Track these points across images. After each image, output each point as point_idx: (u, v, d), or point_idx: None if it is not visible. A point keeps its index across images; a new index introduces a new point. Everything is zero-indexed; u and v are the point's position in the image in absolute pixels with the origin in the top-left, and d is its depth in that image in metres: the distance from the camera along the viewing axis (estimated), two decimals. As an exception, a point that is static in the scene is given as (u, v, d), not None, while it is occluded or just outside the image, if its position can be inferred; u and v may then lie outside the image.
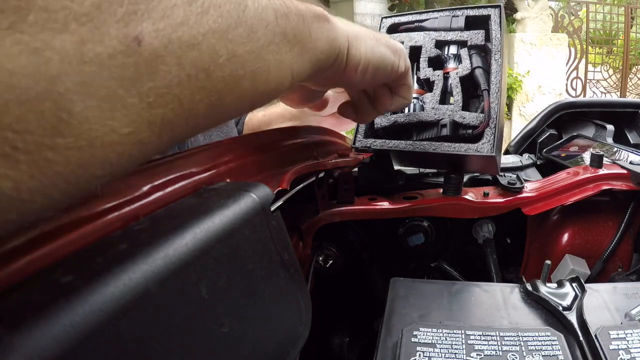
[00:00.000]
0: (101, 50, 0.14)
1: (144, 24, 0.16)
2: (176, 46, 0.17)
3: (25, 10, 0.13)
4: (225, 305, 0.22)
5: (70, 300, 0.15)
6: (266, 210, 0.26)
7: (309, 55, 0.27)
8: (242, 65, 0.21)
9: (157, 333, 0.18)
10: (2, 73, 0.12)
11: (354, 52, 0.31)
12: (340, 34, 0.30)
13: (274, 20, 0.23)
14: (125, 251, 0.18)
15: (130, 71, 0.16)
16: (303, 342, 0.28)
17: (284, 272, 0.27)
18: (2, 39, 0.12)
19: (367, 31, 0.33)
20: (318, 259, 0.54)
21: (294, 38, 0.25)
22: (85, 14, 0.14)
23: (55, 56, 0.13)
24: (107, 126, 0.15)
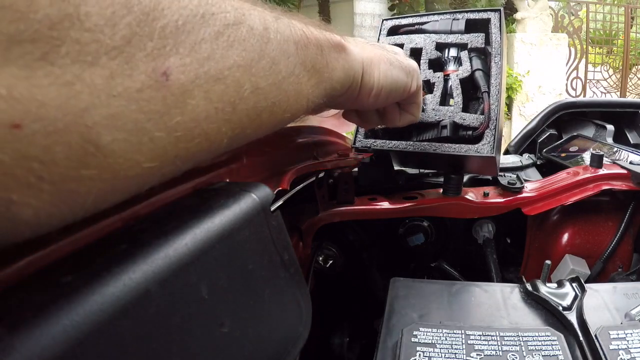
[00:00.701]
0: (130, 84, 0.14)
1: (172, 58, 0.16)
2: (203, 80, 0.17)
3: (58, 42, 0.12)
4: (225, 305, 0.22)
5: (70, 300, 0.15)
6: (266, 210, 0.26)
7: (324, 84, 0.27)
8: (265, 97, 0.21)
9: (157, 333, 0.18)
10: (32, 104, 0.12)
11: (368, 78, 0.32)
12: (355, 62, 0.30)
13: (294, 52, 0.23)
14: (125, 251, 0.18)
15: (159, 105, 0.15)
16: (303, 342, 0.28)
17: (284, 272, 0.27)
18: (34, 70, 0.12)
19: (381, 54, 0.33)
20: (318, 259, 0.54)
21: (312, 68, 0.25)
22: (115, 48, 0.14)
23: (85, 89, 0.13)
24: (132, 160, 0.15)
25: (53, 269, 0.17)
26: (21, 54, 0.12)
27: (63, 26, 0.13)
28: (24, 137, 0.12)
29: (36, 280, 0.17)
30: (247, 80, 0.20)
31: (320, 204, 0.48)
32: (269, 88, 0.21)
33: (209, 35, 0.17)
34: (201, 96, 0.17)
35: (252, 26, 0.20)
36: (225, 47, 0.18)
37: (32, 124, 0.12)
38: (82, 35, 0.13)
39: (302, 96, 0.25)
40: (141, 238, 0.20)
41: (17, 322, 0.14)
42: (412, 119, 0.40)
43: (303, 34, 0.25)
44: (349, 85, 0.31)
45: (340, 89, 0.30)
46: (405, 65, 0.35)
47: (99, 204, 0.15)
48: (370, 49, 0.33)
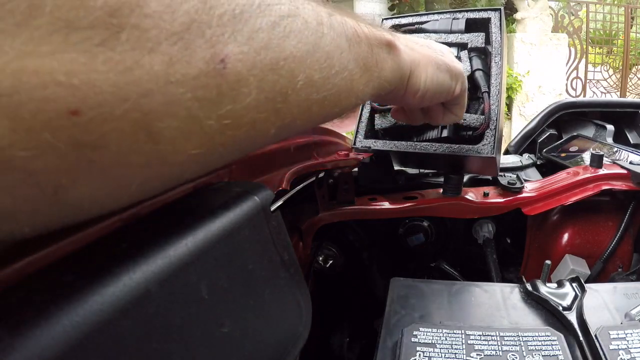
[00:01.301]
0: (188, 70, 0.14)
1: (230, 46, 0.16)
2: (258, 69, 0.17)
3: (117, 28, 0.13)
4: (225, 305, 0.22)
5: (70, 300, 0.15)
6: (266, 210, 0.26)
7: (373, 83, 0.27)
8: (317, 90, 0.21)
9: (157, 333, 0.18)
10: (91, 90, 0.12)
11: (415, 80, 0.32)
12: (404, 63, 0.30)
13: (347, 48, 0.24)
14: (125, 251, 0.18)
15: (213, 93, 0.15)
16: (303, 342, 0.28)
17: (284, 272, 0.27)
18: (94, 56, 0.12)
19: (429, 55, 0.33)
20: (318, 259, 0.54)
21: (363, 66, 0.25)
22: (175, 34, 0.14)
23: (144, 76, 0.13)
24: (180, 147, 0.15)
25: (53, 269, 0.17)
26: (81, 40, 0.12)
27: (123, 13, 0.13)
28: (80, 123, 0.12)
29: (36, 280, 0.17)
30: (302, 72, 0.20)
31: (320, 204, 0.48)
32: (322, 81, 0.21)
33: (266, 25, 0.18)
34: (254, 85, 0.17)
35: (306, 19, 0.20)
36: (281, 38, 0.18)
37: (90, 111, 0.12)
38: (142, 21, 0.13)
39: (352, 92, 0.25)
40: (141, 238, 0.20)
41: (17, 322, 0.14)
42: (455, 119, 0.40)
43: (355, 31, 0.25)
44: (396, 85, 0.31)
45: (388, 87, 0.30)
46: (452, 68, 0.35)
47: (143, 190, 0.16)
48: (419, 50, 0.33)
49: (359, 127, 0.52)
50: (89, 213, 0.14)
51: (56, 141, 0.12)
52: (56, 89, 0.11)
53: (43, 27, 0.11)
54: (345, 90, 0.24)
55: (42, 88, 0.11)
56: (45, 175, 0.12)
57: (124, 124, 0.13)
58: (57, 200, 0.13)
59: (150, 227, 0.21)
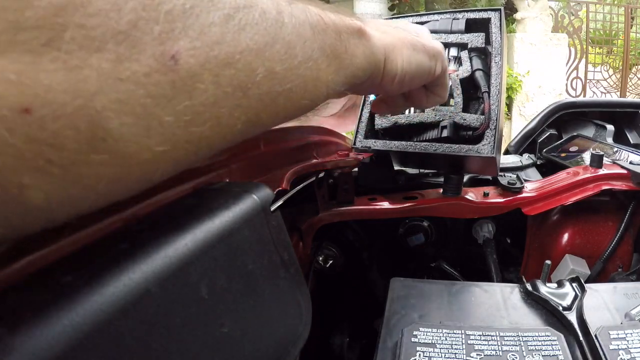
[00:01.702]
0: (137, 68, 0.14)
1: (181, 42, 0.16)
2: (213, 64, 0.17)
3: (62, 27, 0.13)
4: (225, 305, 0.22)
5: (70, 300, 0.15)
6: (266, 210, 0.26)
7: (345, 71, 0.26)
8: (280, 82, 0.21)
9: (157, 333, 0.18)
10: (40, 88, 0.12)
11: (391, 65, 0.31)
12: (376, 48, 0.29)
13: (311, 37, 0.23)
14: (125, 251, 0.18)
15: (167, 89, 0.15)
16: (303, 342, 0.28)
17: (284, 272, 0.27)
18: (41, 55, 0.12)
19: (404, 37, 0.32)
20: (318, 259, 0.54)
21: (331, 54, 0.25)
22: (122, 32, 0.14)
23: (92, 74, 0.13)
24: (142, 144, 0.15)
25: (53, 269, 0.17)
26: (28, 39, 0.12)
27: (67, 12, 0.13)
28: (33, 121, 0.12)
29: (36, 280, 0.17)
30: (260, 65, 0.19)
31: (320, 204, 0.48)
32: (285, 73, 0.21)
33: (219, 19, 0.17)
34: (210, 80, 0.17)
35: (264, 9, 0.20)
36: (236, 31, 0.18)
37: (41, 109, 0.12)
38: (86, 20, 0.13)
39: (320, 82, 0.24)
40: (141, 238, 0.20)
41: (17, 322, 0.14)
42: (438, 100, 0.39)
43: (320, 18, 0.24)
44: (371, 72, 0.30)
45: (362, 75, 0.29)
46: (429, 48, 0.34)
47: (113, 190, 0.16)
48: (393, 33, 0.32)
49: (359, 127, 0.52)
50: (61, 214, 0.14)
51: (11, 138, 0.12)
52: (7, 86, 0.12)
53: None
54: (312, 80, 0.23)
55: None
56: (6, 173, 0.12)
57: (77, 121, 0.13)
58: (24, 201, 0.13)
59: (150, 227, 0.21)
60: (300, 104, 0.24)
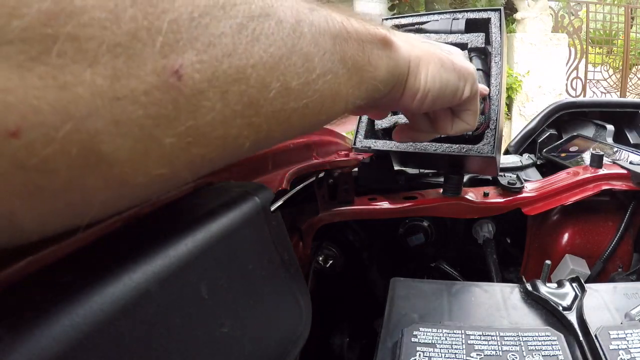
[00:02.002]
0: (136, 85, 0.13)
1: (186, 55, 0.14)
2: (221, 80, 0.15)
3: (52, 39, 0.11)
4: (225, 305, 0.22)
5: (70, 300, 0.15)
6: (266, 210, 0.26)
7: (366, 85, 0.24)
8: (295, 98, 0.19)
9: (157, 333, 0.18)
10: (27, 109, 0.11)
11: (414, 79, 0.28)
12: (401, 61, 0.27)
13: (332, 47, 0.21)
14: (125, 251, 0.18)
15: (168, 109, 0.14)
16: (303, 342, 0.28)
17: (284, 272, 0.27)
18: (29, 70, 0.11)
19: (432, 52, 0.30)
20: (318, 259, 0.54)
21: (352, 67, 0.23)
22: (119, 44, 0.13)
23: (86, 92, 0.12)
24: (139, 168, 0.14)
25: (53, 269, 0.17)
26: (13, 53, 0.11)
27: (58, 21, 0.11)
28: (22, 145, 0.11)
29: (36, 280, 0.17)
30: (275, 79, 0.17)
31: (320, 204, 0.48)
32: (301, 88, 0.19)
33: (230, 29, 0.15)
34: (218, 97, 0.15)
35: (281, 18, 0.18)
36: (248, 42, 0.16)
37: (30, 132, 0.11)
38: (80, 30, 0.12)
39: (340, 97, 0.22)
40: (141, 238, 0.20)
41: (17, 322, 0.14)
42: (466, 127, 0.35)
43: (342, 27, 0.22)
44: (393, 85, 0.27)
45: (384, 89, 0.26)
46: (459, 67, 0.31)
47: (106, 211, 0.15)
48: (421, 46, 0.29)
49: (359, 127, 0.52)
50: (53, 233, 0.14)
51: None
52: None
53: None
54: (330, 96, 0.21)
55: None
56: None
57: (69, 146, 0.12)
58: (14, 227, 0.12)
59: (150, 227, 0.21)
60: (316, 121, 0.22)
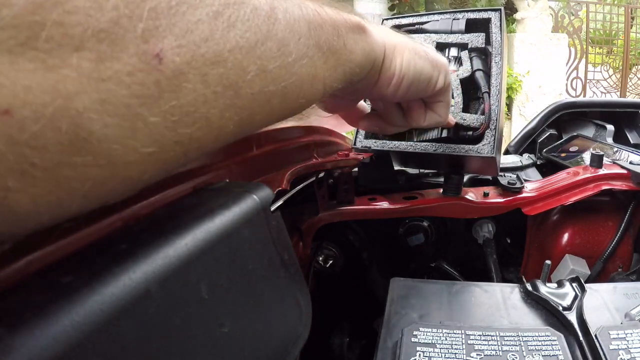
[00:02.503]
0: (120, 67, 0.14)
1: (166, 40, 0.15)
2: (200, 63, 0.16)
3: (39, 25, 0.12)
4: (225, 305, 0.22)
5: (70, 300, 0.15)
6: (266, 210, 0.26)
7: (342, 67, 0.25)
8: (273, 81, 0.20)
9: (157, 333, 0.18)
10: (18, 89, 0.12)
11: (389, 64, 0.29)
12: (376, 45, 0.28)
13: (306, 32, 0.22)
14: (125, 251, 0.18)
15: (152, 89, 0.15)
16: (303, 342, 0.28)
17: (284, 272, 0.27)
18: (19, 54, 0.12)
19: (406, 42, 0.31)
20: (318, 259, 0.54)
21: (327, 50, 0.24)
22: (103, 30, 0.14)
23: (72, 74, 0.13)
24: (128, 145, 0.15)
25: (53, 269, 0.17)
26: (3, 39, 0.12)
27: (45, 9, 0.12)
28: (14, 123, 0.12)
29: (36, 280, 0.17)
30: (252, 63, 0.19)
31: (320, 204, 0.48)
32: (278, 71, 0.20)
33: (207, 16, 0.17)
34: (198, 79, 0.16)
35: (256, 5, 0.19)
36: (225, 28, 0.17)
37: (21, 110, 0.12)
38: (65, 18, 0.13)
39: (317, 80, 0.23)
40: (141, 238, 0.20)
41: (17, 322, 0.14)
42: (438, 119, 0.36)
43: (316, 13, 0.23)
44: (369, 69, 0.28)
45: (360, 72, 0.27)
46: (432, 57, 0.32)
47: (100, 192, 0.15)
48: (395, 35, 0.31)
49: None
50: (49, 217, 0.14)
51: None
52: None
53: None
54: (307, 79, 0.22)
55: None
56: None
57: (59, 122, 0.13)
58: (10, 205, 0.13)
59: (150, 227, 0.21)
60: (296, 103, 0.23)
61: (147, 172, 0.17)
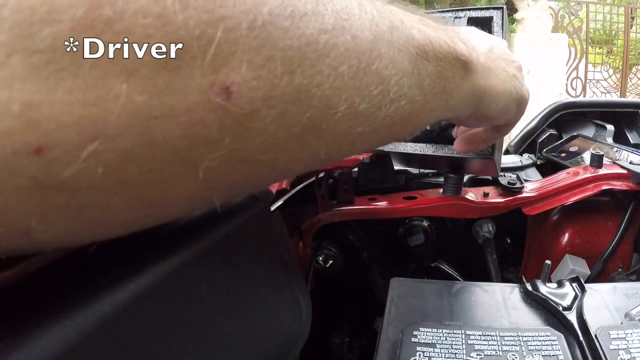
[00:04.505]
0: (176, 103, 0.11)
1: (240, 70, 0.12)
2: (279, 100, 0.13)
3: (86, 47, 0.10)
4: (225, 305, 0.22)
5: (70, 300, 0.15)
6: (266, 210, 0.26)
7: (438, 112, 0.22)
8: (363, 121, 0.17)
9: (157, 333, 0.18)
10: (52, 125, 0.10)
11: (483, 108, 0.26)
12: (476, 90, 0.25)
13: (409, 70, 0.18)
14: (125, 251, 0.18)
15: (212, 130, 0.12)
16: (303, 342, 0.28)
17: (284, 272, 0.27)
18: (57, 83, 0.10)
19: (505, 81, 0.28)
20: (318, 259, 0.54)
21: (429, 93, 0.20)
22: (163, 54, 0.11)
23: (118, 109, 0.11)
24: (168, 191, 0.13)
25: (53, 269, 0.17)
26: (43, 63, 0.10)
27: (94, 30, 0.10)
28: (44, 164, 0.10)
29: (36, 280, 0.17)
30: (342, 101, 0.15)
31: (320, 204, 0.48)
32: (372, 112, 0.17)
33: (297, 43, 0.13)
34: (272, 119, 0.13)
35: (356, 34, 0.15)
36: (315, 59, 0.14)
37: (53, 150, 0.10)
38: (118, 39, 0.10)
39: (409, 123, 0.20)
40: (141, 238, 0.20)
41: (17, 322, 0.14)
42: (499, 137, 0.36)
43: (422, 47, 0.19)
44: (461, 112, 0.25)
45: (450, 115, 0.24)
46: (521, 97, 0.30)
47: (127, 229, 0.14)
48: (496, 71, 0.27)
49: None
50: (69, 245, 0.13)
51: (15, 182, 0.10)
52: (12, 122, 0.10)
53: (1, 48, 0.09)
54: (400, 121, 0.19)
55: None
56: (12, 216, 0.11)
57: (94, 167, 0.11)
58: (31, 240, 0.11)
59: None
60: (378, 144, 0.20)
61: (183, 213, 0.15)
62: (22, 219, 0.11)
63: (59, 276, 0.17)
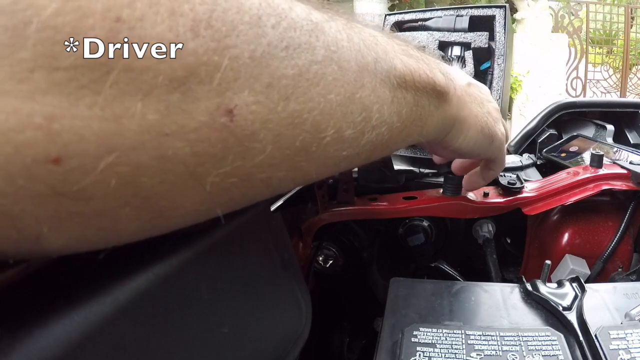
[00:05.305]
0: (186, 122, 0.12)
1: (242, 94, 0.13)
2: (275, 123, 0.15)
3: (105, 68, 0.11)
4: (225, 305, 0.22)
5: (70, 300, 0.15)
6: (266, 210, 0.26)
7: (411, 137, 0.24)
8: (348, 146, 0.18)
9: (157, 333, 0.18)
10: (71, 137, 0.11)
11: (452, 137, 0.28)
12: (448, 120, 0.26)
13: (389, 100, 0.20)
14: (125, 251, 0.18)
15: (216, 149, 0.13)
16: (303, 342, 0.28)
17: (284, 272, 0.27)
18: (78, 99, 0.11)
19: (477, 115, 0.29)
20: (318, 259, 0.54)
21: (406, 120, 0.22)
22: (175, 79, 0.12)
23: (133, 125, 0.12)
24: (176, 203, 0.14)
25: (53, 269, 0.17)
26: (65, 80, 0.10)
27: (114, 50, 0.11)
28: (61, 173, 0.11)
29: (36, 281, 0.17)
30: (330, 127, 0.17)
31: (320, 204, 0.48)
32: (355, 137, 0.18)
33: (291, 72, 0.15)
34: (269, 140, 0.15)
35: (343, 66, 0.17)
36: (308, 87, 0.15)
37: (71, 160, 0.11)
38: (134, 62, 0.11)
39: (387, 147, 0.22)
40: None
41: (17, 322, 0.14)
42: (493, 174, 0.38)
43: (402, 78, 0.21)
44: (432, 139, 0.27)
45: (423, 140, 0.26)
46: (494, 134, 0.31)
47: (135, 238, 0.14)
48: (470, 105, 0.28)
49: None
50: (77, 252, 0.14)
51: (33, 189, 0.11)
52: (35, 133, 0.10)
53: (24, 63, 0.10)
54: (380, 146, 0.21)
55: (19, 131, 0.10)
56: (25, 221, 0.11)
57: (109, 178, 0.12)
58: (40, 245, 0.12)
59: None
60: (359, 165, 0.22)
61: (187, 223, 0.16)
62: (35, 225, 0.11)
63: (59, 276, 0.17)
